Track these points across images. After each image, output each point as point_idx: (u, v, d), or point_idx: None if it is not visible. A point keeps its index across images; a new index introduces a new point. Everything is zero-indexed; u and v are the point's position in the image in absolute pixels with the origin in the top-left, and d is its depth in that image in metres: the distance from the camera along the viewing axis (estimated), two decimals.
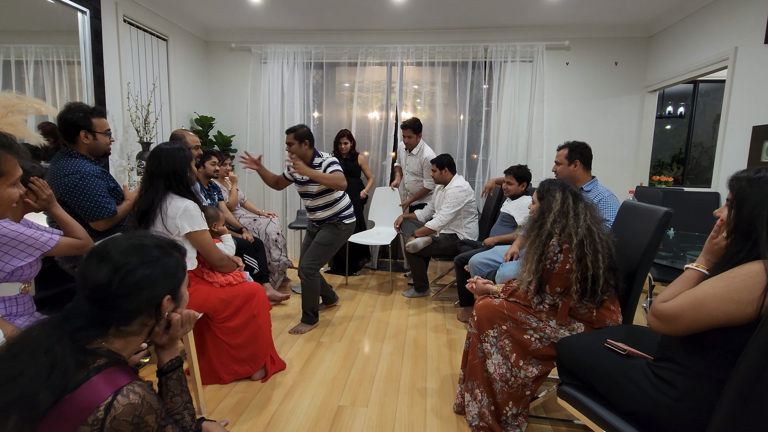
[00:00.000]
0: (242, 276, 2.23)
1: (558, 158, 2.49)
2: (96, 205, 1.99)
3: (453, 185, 3.37)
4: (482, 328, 1.80)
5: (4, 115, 1.87)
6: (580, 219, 1.67)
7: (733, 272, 1.07)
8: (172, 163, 1.93)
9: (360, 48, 4.34)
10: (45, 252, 1.56)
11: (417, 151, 3.84)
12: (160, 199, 1.90)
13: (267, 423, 1.87)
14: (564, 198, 1.73)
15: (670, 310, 1.15)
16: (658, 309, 1.19)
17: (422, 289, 3.66)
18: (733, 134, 2.94)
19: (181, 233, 1.91)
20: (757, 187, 1.09)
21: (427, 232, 3.37)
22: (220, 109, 4.71)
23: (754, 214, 1.08)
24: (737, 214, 1.12)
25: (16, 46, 2.65)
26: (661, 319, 1.17)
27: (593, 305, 1.65)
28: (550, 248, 1.65)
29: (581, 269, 1.60)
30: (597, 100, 4.21)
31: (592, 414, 1.35)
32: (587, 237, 1.62)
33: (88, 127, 2.01)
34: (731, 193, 1.16)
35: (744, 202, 1.10)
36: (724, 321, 1.05)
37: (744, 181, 1.12)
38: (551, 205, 1.72)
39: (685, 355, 1.18)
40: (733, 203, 1.14)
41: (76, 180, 1.95)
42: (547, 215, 1.70)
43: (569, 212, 1.69)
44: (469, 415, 1.84)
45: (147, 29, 3.71)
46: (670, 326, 1.15)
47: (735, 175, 1.17)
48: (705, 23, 3.32)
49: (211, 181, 3.30)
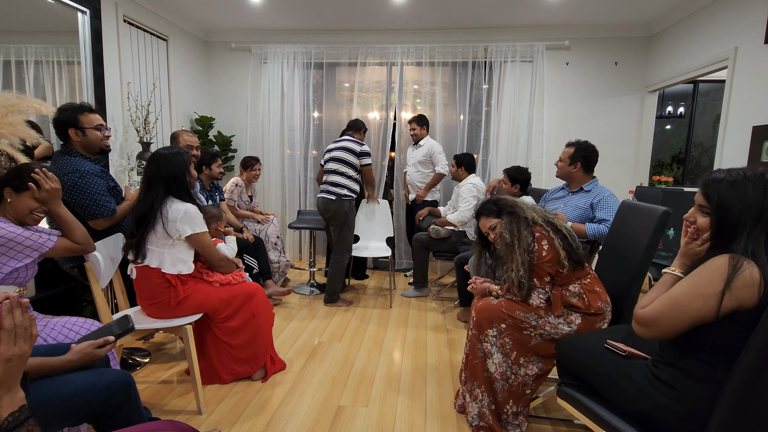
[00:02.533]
0: (242, 276, 2.23)
1: (562, 155, 2.52)
2: (95, 203, 1.99)
3: (467, 182, 3.46)
4: (482, 328, 1.81)
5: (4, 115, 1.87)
6: (534, 206, 1.87)
7: (701, 268, 1.09)
8: (171, 168, 1.93)
9: (360, 48, 4.34)
10: (43, 253, 1.56)
11: (423, 142, 3.90)
12: (160, 203, 1.90)
13: (267, 423, 1.87)
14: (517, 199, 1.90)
15: (648, 315, 1.15)
16: (637, 314, 1.19)
17: (421, 286, 3.67)
18: (733, 134, 2.94)
19: (182, 236, 1.92)
20: (739, 195, 1.07)
21: (446, 223, 3.42)
22: (220, 109, 4.71)
23: (739, 221, 1.07)
24: (719, 221, 1.10)
25: (16, 46, 2.64)
26: (641, 324, 1.18)
27: (582, 271, 1.75)
28: (525, 237, 1.72)
29: (561, 241, 1.70)
30: (597, 100, 4.21)
31: (592, 414, 1.35)
32: (548, 216, 1.80)
33: (74, 124, 2.01)
34: (707, 199, 1.13)
35: (728, 210, 1.08)
36: (698, 318, 1.07)
37: (724, 188, 1.10)
38: (512, 201, 1.85)
39: (679, 356, 1.19)
40: (713, 210, 1.11)
41: (75, 178, 1.96)
42: (517, 209, 1.79)
43: (526, 203, 1.86)
44: (469, 416, 1.84)
45: (147, 29, 3.71)
46: (651, 330, 1.16)
47: (710, 181, 1.13)
48: (705, 23, 3.32)
49: (213, 182, 3.32)
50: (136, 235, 1.90)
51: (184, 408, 1.97)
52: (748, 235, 1.05)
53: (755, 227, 1.05)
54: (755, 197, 1.06)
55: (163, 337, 2.75)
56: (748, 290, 1.00)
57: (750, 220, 1.06)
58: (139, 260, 1.92)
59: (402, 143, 4.45)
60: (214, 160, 3.22)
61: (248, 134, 4.58)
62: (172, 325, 1.94)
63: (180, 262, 1.95)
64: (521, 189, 3.15)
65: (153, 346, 2.63)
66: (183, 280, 1.98)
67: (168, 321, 1.96)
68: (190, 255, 2.01)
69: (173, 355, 2.52)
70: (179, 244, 1.95)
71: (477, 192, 3.38)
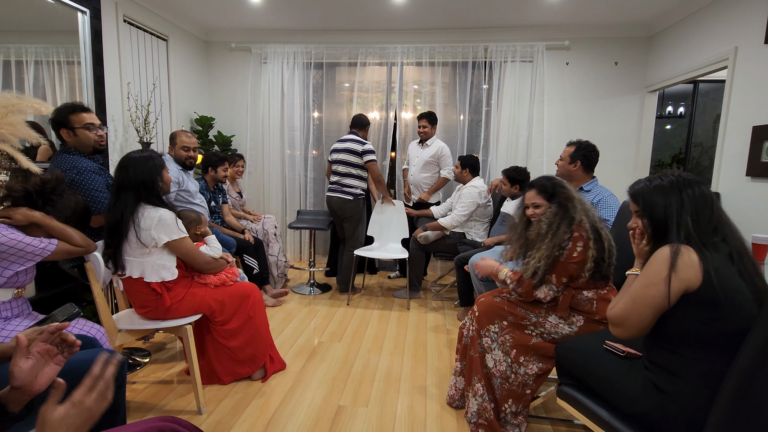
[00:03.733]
0: (235, 273, 2.20)
1: (563, 154, 2.53)
2: (93, 200, 2.00)
3: (469, 185, 3.42)
4: (483, 323, 1.81)
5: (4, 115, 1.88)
6: (589, 209, 1.78)
7: (649, 261, 1.21)
8: (140, 173, 1.83)
9: (360, 48, 4.34)
10: (44, 257, 1.57)
11: (431, 142, 3.84)
12: (131, 211, 1.80)
13: (267, 423, 1.87)
14: (573, 190, 1.82)
15: (617, 314, 1.25)
16: (608, 316, 1.29)
17: (415, 289, 3.66)
18: (733, 134, 2.94)
19: (159, 244, 1.84)
20: (659, 193, 1.24)
21: (437, 227, 3.39)
22: (220, 109, 4.71)
23: (666, 215, 1.22)
24: (651, 220, 1.26)
25: (16, 46, 2.64)
26: (613, 324, 1.27)
27: (604, 284, 1.73)
28: (562, 234, 1.68)
29: (595, 252, 1.67)
30: (597, 100, 4.21)
31: (592, 414, 1.35)
32: (598, 224, 1.73)
33: (65, 124, 2.02)
34: (636, 204, 1.30)
35: (653, 209, 1.25)
36: (655, 305, 1.16)
37: (645, 192, 1.27)
38: (570, 195, 1.77)
39: (654, 352, 1.24)
40: (643, 212, 1.28)
41: (73, 176, 1.98)
42: (569, 205, 1.74)
43: (583, 203, 1.78)
44: (468, 412, 1.84)
45: (147, 29, 3.71)
46: (624, 329, 1.24)
47: (634, 189, 1.32)
48: (705, 23, 3.32)
49: (217, 184, 3.33)
50: (111, 246, 1.83)
51: (184, 408, 1.97)
52: (678, 226, 1.19)
53: (681, 217, 1.19)
54: (673, 191, 1.23)
55: (163, 337, 2.75)
56: (690, 271, 1.12)
57: (675, 212, 1.20)
58: (120, 272, 1.87)
59: (403, 143, 4.45)
60: (221, 164, 3.23)
61: (248, 134, 4.58)
62: (171, 325, 1.94)
63: (162, 269, 1.89)
64: (521, 189, 3.15)
65: (153, 346, 2.63)
66: (169, 286, 1.93)
67: (167, 321, 1.96)
68: (172, 260, 1.93)
69: (173, 355, 2.52)
70: (157, 251, 1.87)
71: (478, 198, 3.34)
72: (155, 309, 1.93)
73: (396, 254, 3.50)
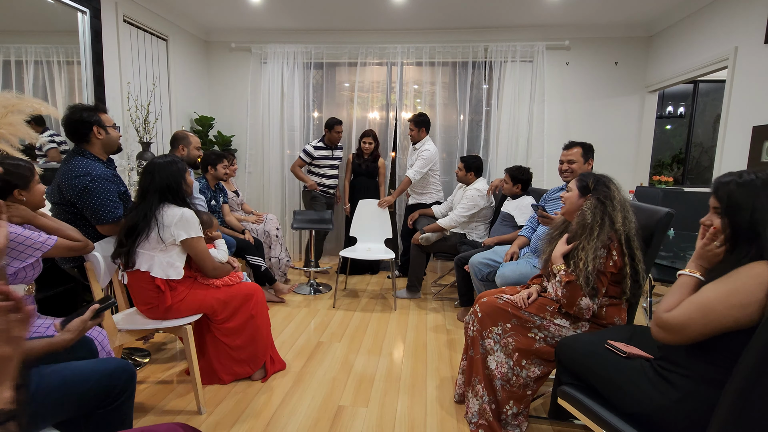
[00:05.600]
0: (239, 276, 2.22)
1: (573, 156, 2.41)
2: (104, 208, 1.96)
3: (473, 186, 3.41)
4: (485, 325, 1.80)
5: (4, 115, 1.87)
6: (630, 215, 1.66)
7: (736, 275, 1.05)
8: (166, 177, 1.90)
9: (360, 48, 4.34)
10: (45, 252, 1.56)
11: (419, 145, 3.83)
12: (155, 211, 1.87)
13: (267, 423, 1.87)
14: (617, 189, 1.71)
15: (676, 320, 1.11)
16: (663, 319, 1.14)
17: (414, 289, 3.65)
18: (733, 134, 2.94)
19: (177, 240, 1.89)
20: (750, 192, 1.09)
21: (437, 229, 3.38)
22: (220, 109, 4.71)
23: (754, 219, 1.07)
24: (732, 221, 1.12)
25: (16, 46, 2.64)
26: (667, 329, 1.14)
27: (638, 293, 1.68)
28: (605, 234, 1.59)
29: (629, 263, 1.61)
30: (597, 100, 4.21)
31: (592, 414, 1.35)
32: (634, 233, 1.64)
33: (99, 122, 2.01)
34: (719, 200, 1.15)
35: (738, 209, 1.10)
36: (732, 326, 1.04)
37: (732, 187, 1.12)
38: (611, 195, 1.68)
39: (688, 357, 1.17)
40: (725, 211, 1.13)
41: (87, 182, 1.92)
42: (609, 206, 1.65)
43: (624, 206, 1.67)
44: (469, 412, 1.83)
45: (147, 29, 3.71)
46: (678, 336, 1.12)
47: (720, 182, 1.16)
48: (705, 23, 3.32)
49: (218, 183, 3.32)
50: (125, 245, 1.86)
51: (184, 408, 1.96)
52: None
53: None
54: (765, 195, 1.07)
55: (163, 337, 2.74)
56: None
57: (765, 220, 1.06)
58: (129, 267, 1.90)
59: (404, 143, 4.45)
60: (220, 161, 3.21)
61: (248, 134, 4.58)
62: (171, 325, 1.94)
63: (170, 267, 1.91)
64: (522, 189, 3.15)
65: (153, 346, 2.63)
66: (172, 286, 1.95)
67: (167, 321, 1.96)
68: (182, 260, 1.96)
69: (173, 355, 2.52)
70: (172, 248, 1.92)
71: (481, 201, 3.34)
72: (156, 307, 1.93)
73: (380, 255, 3.48)
